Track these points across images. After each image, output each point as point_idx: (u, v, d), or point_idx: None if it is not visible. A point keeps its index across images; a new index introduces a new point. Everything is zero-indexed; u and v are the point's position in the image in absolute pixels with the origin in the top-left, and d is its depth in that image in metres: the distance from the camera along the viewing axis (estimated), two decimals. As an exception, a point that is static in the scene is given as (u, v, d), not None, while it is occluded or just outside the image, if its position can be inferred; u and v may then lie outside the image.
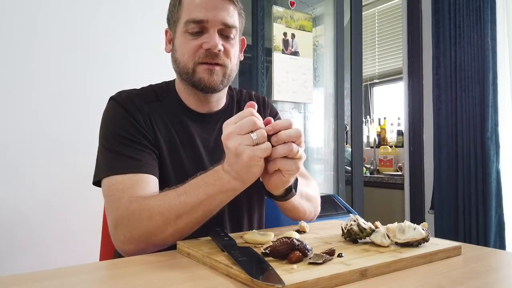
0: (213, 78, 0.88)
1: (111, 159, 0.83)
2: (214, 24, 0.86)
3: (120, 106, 0.88)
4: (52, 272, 0.61)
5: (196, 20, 0.85)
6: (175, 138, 0.90)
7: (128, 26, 1.62)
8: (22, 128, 1.39)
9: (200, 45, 0.86)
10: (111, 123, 0.87)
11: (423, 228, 0.70)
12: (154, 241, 0.74)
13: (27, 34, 1.41)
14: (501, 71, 2.18)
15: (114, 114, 0.88)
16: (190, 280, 0.57)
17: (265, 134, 0.68)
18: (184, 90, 0.94)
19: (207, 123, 0.96)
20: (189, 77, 0.89)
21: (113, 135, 0.85)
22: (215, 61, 0.87)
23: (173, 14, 0.91)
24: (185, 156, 0.90)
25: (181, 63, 0.89)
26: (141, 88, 0.96)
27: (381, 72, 3.51)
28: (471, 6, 2.23)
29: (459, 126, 2.28)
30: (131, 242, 0.75)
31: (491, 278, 0.59)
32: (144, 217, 0.73)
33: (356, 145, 2.48)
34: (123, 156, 0.82)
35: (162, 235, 0.73)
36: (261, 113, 1.03)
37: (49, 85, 1.45)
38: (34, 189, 1.40)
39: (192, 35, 0.86)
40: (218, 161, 0.91)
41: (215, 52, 0.86)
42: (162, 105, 0.93)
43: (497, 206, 2.14)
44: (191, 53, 0.87)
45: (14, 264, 1.35)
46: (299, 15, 2.21)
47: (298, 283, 0.51)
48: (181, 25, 0.87)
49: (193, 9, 0.86)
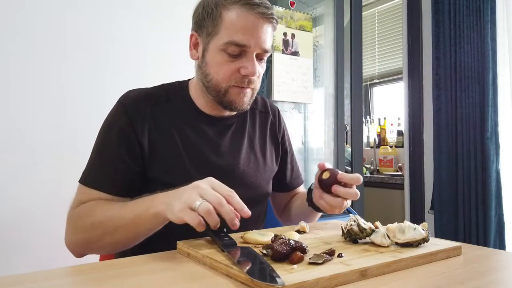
0: (243, 101, 0.89)
1: (89, 166, 0.88)
2: (255, 49, 0.85)
3: (123, 110, 0.88)
4: (52, 272, 0.61)
5: (239, 44, 0.83)
6: (178, 139, 0.90)
7: (128, 26, 1.62)
8: (22, 128, 1.39)
9: (238, 69, 0.85)
10: (106, 130, 0.89)
11: (423, 228, 0.71)
12: (92, 247, 0.80)
13: (27, 34, 1.41)
14: (501, 71, 2.18)
15: (114, 120, 0.89)
16: (190, 280, 0.57)
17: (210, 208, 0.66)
18: (202, 95, 0.93)
19: (218, 126, 0.95)
20: (219, 96, 0.88)
21: (102, 144, 0.88)
22: (248, 86, 0.88)
23: (208, 24, 0.86)
24: (188, 158, 0.89)
25: (213, 80, 0.87)
26: (153, 87, 0.95)
27: (381, 72, 3.51)
28: (471, 6, 2.23)
29: (459, 126, 2.28)
30: (74, 243, 0.81)
31: (491, 278, 0.59)
32: (88, 222, 0.78)
33: (356, 145, 2.48)
34: (102, 168, 0.86)
35: (99, 243, 0.78)
36: (275, 126, 1.07)
37: (49, 85, 1.45)
38: (34, 189, 1.40)
39: (231, 56, 0.84)
40: (226, 165, 0.92)
41: (252, 78, 0.87)
42: (172, 106, 0.92)
43: (497, 206, 2.14)
44: (227, 75, 0.85)
45: (14, 264, 1.35)
46: (299, 15, 2.20)
47: (298, 283, 0.51)
48: (220, 42, 0.84)
49: (237, 30, 0.83)
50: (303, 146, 2.30)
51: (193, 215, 0.65)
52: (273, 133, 1.07)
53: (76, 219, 0.81)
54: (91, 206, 0.81)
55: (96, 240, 0.78)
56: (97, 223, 0.77)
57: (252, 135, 1.01)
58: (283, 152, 1.09)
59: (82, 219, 0.80)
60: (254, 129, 1.02)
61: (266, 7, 0.84)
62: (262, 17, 0.84)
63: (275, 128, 1.07)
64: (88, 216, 0.79)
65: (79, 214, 0.81)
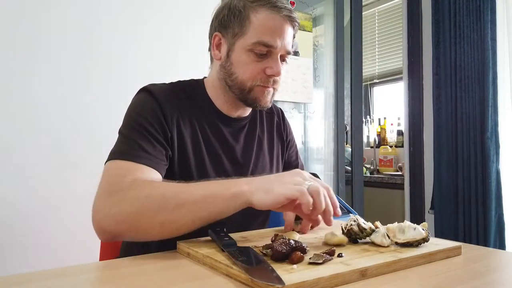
0: (267, 99, 0.92)
1: (124, 144, 0.81)
2: (280, 51, 0.88)
3: (152, 97, 0.87)
4: (52, 272, 0.61)
5: (267, 44, 0.86)
6: (200, 137, 0.91)
7: (127, 26, 1.62)
8: (22, 128, 1.39)
9: (264, 69, 0.88)
10: (137, 112, 0.85)
11: (423, 228, 0.70)
12: (136, 226, 0.69)
13: (27, 34, 1.41)
14: (501, 71, 2.18)
15: (143, 103, 0.87)
16: (190, 280, 0.57)
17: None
18: (221, 94, 0.95)
19: (233, 126, 0.97)
20: (243, 94, 0.90)
21: (135, 123, 0.83)
22: (272, 86, 0.91)
23: (235, 25, 0.88)
24: (208, 157, 0.91)
25: (238, 79, 0.89)
26: (170, 83, 0.95)
27: (381, 72, 3.51)
28: (471, 6, 2.23)
29: (459, 126, 2.28)
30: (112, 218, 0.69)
31: (491, 278, 0.59)
32: (143, 194, 0.69)
33: (356, 145, 2.48)
34: (136, 144, 0.80)
35: (150, 220, 0.68)
36: (281, 126, 1.10)
37: (50, 85, 1.45)
38: (34, 189, 1.40)
39: (258, 56, 0.87)
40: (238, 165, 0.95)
41: (276, 78, 0.90)
42: (192, 104, 0.93)
43: (497, 206, 2.14)
44: (253, 74, 0.88)
45: (14, 264, 1.35)
46: (299, 15, 2.20)
47: (298, 283, 0.51)
48: (247, 42, 0.87)
49: (265, 31, 0.86)
50: (303, 146, 2.30)
51: (303, 191, 0.66)
52: (279, 133, 1.10)
53: (126, 190, 0.71)
54: (147, 180, 0.74)
55: (147, 216, 0.68)
56: (155, 196, 0.69)
57: (261, 136, 1.04)
58: (288, 149, 1.12)
59: (135, 190, 0.70)
60: (263, 130, 1.05)
61: (290, 10, 0.88)
62: (288, 19, 0.88)
63: (280, 128, 1.10)
64: (144, 188, 0.71)
65: (130, 186, 0.71)
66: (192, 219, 0.69)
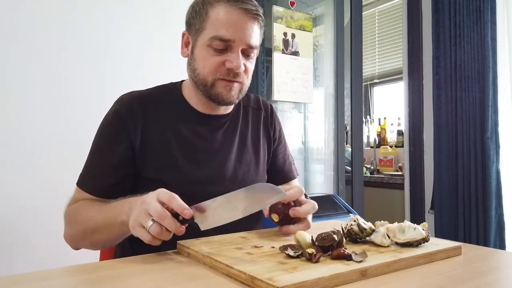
0: (231, 94, 0.90)
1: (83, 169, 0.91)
2: (239, 44, 0.87)
3: (118, 119, 0.90)
4: (52, 272, 0.61)
5: (223, 39, 0.85)
6: (171, 138, 0.91)
7: (127, 26, 1.62)
8: (23, 128, 1.39)
9: (223, 62, 0.87)
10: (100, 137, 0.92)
11: (423, 228, 0.71)
12: (80, 244, 0.86)
13: (27, 34, 1.41)
14: (501, 71, 2.17)
15: (106, 127, 0.92)
16: (190, 280, 0.57)
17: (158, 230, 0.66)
18: (195, 94, 0.95)
19: (211, 124, 0.97)
20: (206, 90, 0.90)
21: (95, 145, 0.92)
22: (235, 79, 0.89)
23: (196, 22, 0.89)
24: (181, 155, 0.90)
25: (200, 75, 0.90)
26: (147, 89, 0.97)
27: (381, 72, 3.50)
28: (471, 6, 2.23)
29: (459, 126, 2.28)
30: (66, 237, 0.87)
31: (491, 278, 0.60)
32: (75, 221, 0.85)
33: (356, 145, 2.48)
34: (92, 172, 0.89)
35: (84, 241, 0.84)
36: (268, 121, 1.08)
37: (50, 85, 1.45)
38: (34, 189, 1.40)
39: (216, 51, 0.87)
40: (218, 161, 0.94)
41: (238, 72, 0.88)
42: (165, 106, 0.94)
43: (497, 206, 2.14)
44: (212, 68, 0.88)
45: (14, 264, 1.35)
46: (299, 15, 2.20)
47: (298, 283, 0.51)
48: (206, 37, 0.87)
49: (221, 25, 0.85)
50: (303, 146, 2.30)
51: (144, 234, 0.67)
52: (266, 128, 1.08)
53: (68, 215, 0.88)
54: (79, 205, 0.87)
55: (81, 238, 0.84)
56: (80, 222, 0.83)
57: (244, 132, 1.02)
58: (276, 144, 1.10)
59: (72, 216, 0.86)
60: (247, 126, 1.04)
61: (251, 4, 0.87)
62: (247, 12, 0.86)
63: (267, 124, 1.09)
64: (76, 215, 0.85)
65: (71, 211, 0.87)
66: (107, 239, 0.81)
